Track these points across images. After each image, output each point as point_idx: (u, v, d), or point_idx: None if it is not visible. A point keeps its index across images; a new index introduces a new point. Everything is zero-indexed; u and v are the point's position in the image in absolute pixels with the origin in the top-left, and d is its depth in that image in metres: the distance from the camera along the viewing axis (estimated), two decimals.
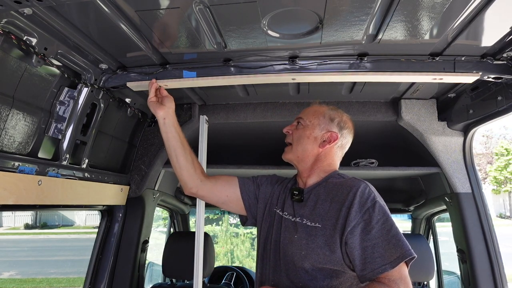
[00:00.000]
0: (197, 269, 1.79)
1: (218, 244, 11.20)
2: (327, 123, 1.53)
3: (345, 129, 1.55)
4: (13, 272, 11.27)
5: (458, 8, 1.23)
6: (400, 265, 1.19)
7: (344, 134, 1.55)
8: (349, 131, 1.57)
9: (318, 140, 1.51)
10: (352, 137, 1.59)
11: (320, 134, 1.52)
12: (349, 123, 1.58)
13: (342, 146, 1.56)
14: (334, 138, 1.51)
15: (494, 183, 24.22)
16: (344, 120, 1.56)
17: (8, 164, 1.41)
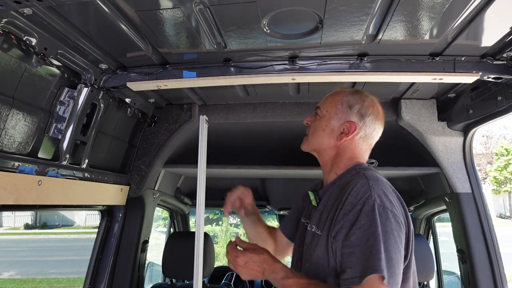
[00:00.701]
0: (197, 269, 1.78)
1: (218, 244, 11.20)
2: (345, 112, 1.33)
3: (367, 116, 1.32)
4: (13, 272, 11.27)
5: (458, 8, 1.23)
6: (370, 280, 1.00)
7: (367, 122, 1.32)
8: (374, 117, 1.33)
9: (335, 132, 1.33)
10: (382, 124, 1.36)
11: (337, 125, 1.33)
12: (373, 107, 1.34)
13: (366, 136, 1.34)
14: (353, 129, 1.31)
15: (494, 183, 24.22)
16: (366, 106, 1.33)
17: (8, 164, 1.41)
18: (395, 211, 1.10)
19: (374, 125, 1.34)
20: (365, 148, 1.37)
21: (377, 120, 1.35)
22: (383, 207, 1.09)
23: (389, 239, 1.04)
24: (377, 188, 1.13)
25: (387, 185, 1.18)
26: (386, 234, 1.05)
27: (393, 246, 1.05)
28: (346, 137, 1.32)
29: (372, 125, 1.34)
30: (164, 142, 2.38)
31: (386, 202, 1.10)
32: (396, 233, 1.07)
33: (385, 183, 1.18)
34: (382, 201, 1.10)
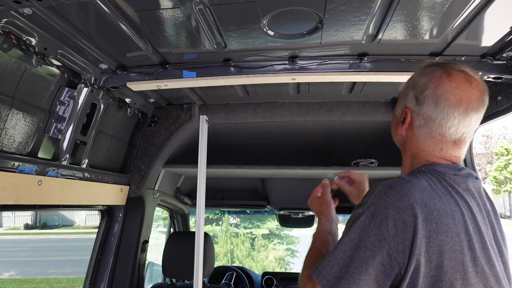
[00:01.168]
0: (197, 269, 1.79)
1: (218, 244, 11.21)
2: (405, 95, 1.09)
3: (423, 97, 1.01)
4: (13, 272, 11.27)
5: (458, 8, 1.23)
6: (310, 279, 0.95)
7: (423, 106, 1.01)
8: (435, 98, 0.99)
9: (399, 122, 1.10)
10: (455, 105, 0.98)
11: (399, 112, 1.10)
12: (434, 83, 1.00)
13: (427, 123, 1.01)
14: (407, 117, 1.05)
15: (494, 183, 24.24)
16: (424, 83, 1.02)
17: (8, 164, 1.41)
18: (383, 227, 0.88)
19: (436, 108, 0.99)
20: (427, 141, 1.02)
21: (440, 99, 0.98)
22: (367, 212, 0.92)
23: (348, 244, 0.90)
24: (381, 192, 0.93)
25: (404, 201, 0.89)
26: (349, 240, 0.91)
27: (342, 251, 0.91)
28: (401, 127, 1.07)
29: (434, 107, 0.99)
30: (164, 142, 2.38)
31: (379, 207, 0.91)
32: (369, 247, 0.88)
33: (403, 196, 0.90)
34: (373, 205, 0.92)
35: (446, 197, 0.92)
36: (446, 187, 0.95)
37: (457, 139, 1.02)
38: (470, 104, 0.99)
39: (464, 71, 1.01)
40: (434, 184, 0.94)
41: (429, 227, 0.86)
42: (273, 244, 12.88)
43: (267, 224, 12.98)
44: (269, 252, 12.34)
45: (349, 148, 2.67)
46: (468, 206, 0.93)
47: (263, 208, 3.75)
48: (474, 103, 0.99)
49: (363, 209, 0.93)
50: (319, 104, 2.29)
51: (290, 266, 12.14)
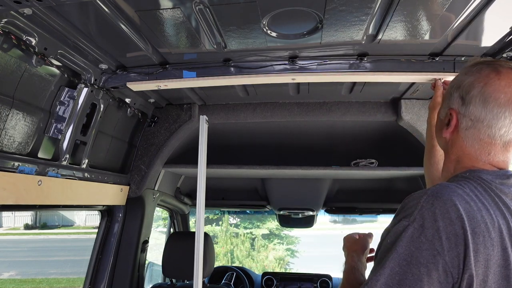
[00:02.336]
0: (197, 269, 1.79)
1: (218, 244, 11.21)
2: (450, 95, 1.02)
3: (470, 97, 0.95)
4: (13, 273, 11.27)
5: (458, 8, 1.23)
6: None
7: (470, 106, 0.95)
8: (484, 97, 0.93)
9: (443, 125, 1.04)
10: (506, 104, 0.91)
11: (443, 115, 1.05)
12: (481, 81, 0.95)
13: (475, 124, 0.95)
14: (453, 119, 0.99)
15: None
16: (470, 82, 0.96)
17: (8, 164, 1.41)
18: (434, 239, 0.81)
19: (484, 108, 0.93)
20: (480, 145, 0.95)
21: (489, 99, 0.92)
22: (416, 223, 0.83)
23: (393, 256, 0.82)
24: (424, 199, 0.85)
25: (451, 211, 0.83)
26: (393, 251, 0.83)
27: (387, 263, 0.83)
28: (446, 130, 1.01)
29: (483, 108, 0.93)
30: (164, 142, 2.38)
31: (424, 216, 0.83)
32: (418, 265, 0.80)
33: (452, 206, 0.83)
34: (421, 216, 0.84)
35: (493, 209, 0.86)
36: (493, 198, 0.88)
37: (507, 142, 0.94)
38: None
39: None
40: (480, 193, 0.88)
41: (476, 240, 0.81)
42: (273, 244, 12.89)
43: (267, 224, 12.99)
44: (269, 252, 12.34)
45: (349, 148, 2.67)
46: (508, 215, 0.86)
47: (263, 208, 3.75)
48: None
49: (409, 221, 0.84)
50: (319, 104, 2.29)
51: (290, 266, 12.15)
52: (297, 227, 3.88)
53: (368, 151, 2.49)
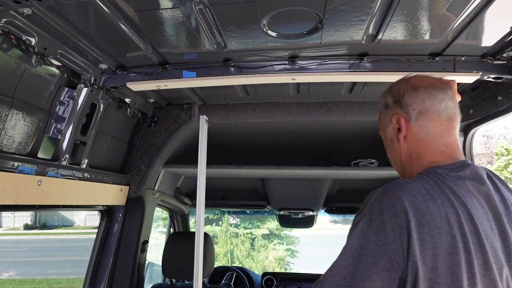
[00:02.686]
0: (197, 269, 1.79)
1: (218, 244, 11.21)
2: (385, 113, 1.18)
3: (400, 94, 1.10)
4: (12, 273, 11.27)
5: (458, 8, 1.23)
6: None
7: (406, 99, 1.08)
8: (413, 87, 1.09)
9: (395, 136, 1.14)
10: (430, 86, 1.08)
11: (391, 128, 1.15)
12: (404, 82, 1.12)
13: (420, 110, 1.06)
14: (401, 120, 1.10)
15: None
16: (397, 88, 1.13)
17: (7, 164, 1.41)
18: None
19: (417, 93, 1.06)
20: (432, 127, 1.05)
21: (419, 86, 1.07)
22: (363, 219, 0.93)
23: (344, 259, 0.90)
24: (376, 199, 0.94)
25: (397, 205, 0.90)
26: (345, 252, 0.91)
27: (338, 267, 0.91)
28: (401, 133, 1.11)
29: (416, 96, 1.06)
30: (164, 142, 2.38)
31: (372, 212, 0.92)
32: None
33: (397, 200, 0.91)
34: (371, 212, 0.93)
35: (441, 200, 0.92)
36: (443, 189, 0.95)
37: (450, 117, 1.06)
38: (439, 83, 1.09)
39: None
40: (430, 187, 0.95)
41: (421, 230, 0.87)
42: (273, 244, 12.89)
43: (267, 224, 12.99)
44: (269, 252, 12.34)
45: (349, 148, 2.66)
46: (466, 208, 0.92)
47: (263, 208, 3.75)
48: (441, 81, 1.10)
49: (361, 216, 0.93)
50: (319, 104, 2.29)
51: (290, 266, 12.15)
52: (297, 227, 3.87)
53: (368, 151, 2.49)
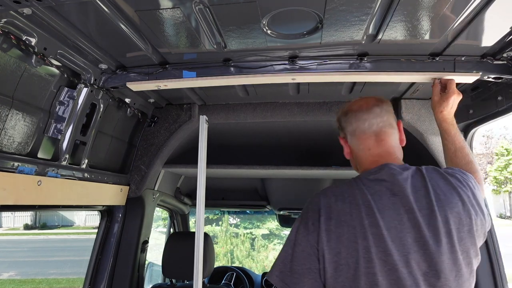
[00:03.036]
0: (197, 269, 1.78)
1: (218, 244, 11.21)
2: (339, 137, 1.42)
3: (340, 121, 1.38)
4: (12, 273, 11.27)
5: (458, 8, 1.23)
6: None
7: (343, 125, 1.36)
8: (344, 114, 1.36)
9: (347, 155, 1.41)
10: (358, 109, 1.32)
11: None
12: (343, 108, 1.39)
13: (352, 132, 1.32)
14: (343, 142, 1.39)
15: (494, 183, 24.23)
16: (338, 114, 1.41)
17: (7, 164, 1.41)
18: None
19: (347, 118, 1.34)
20: (361, 144, 1.29)
21: (348, 111, 1.34)
22: (299, 219, 1.23)
23: (285, 246, 1.19)
24: (309, 202, 1.23)
25: (314, 203, 1.21)
26: (287, 241, 1.20)
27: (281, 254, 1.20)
28: (346, 152, 1.39)
29: (347, 121, 1.34)
30: (164, 142, 2.38)
31: (304, 213, 1.22)
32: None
33: (316, 201, 1.20)
34: (304, 212, 1.23)
35: (350, 199, 1.16)
36: (355, 191, 1.17)
37: (377, 132, 1.27)
38: (367, 105, 1.31)
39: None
40: (346, 189, 1.20)
41: (329, 222, 1.13)
42: (273, 244, 12.88)
43: (267, 224, 12.98)
44: (269, 252, 12.33)
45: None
46: (370, 205, 1.12)
47: (263, 208, 3.75)
48: (371, 102, 1.32)
49: (299, 217, 1.23)
50: (319, 104, 2.29)
51: None
52: None
53: None
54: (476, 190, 1.21)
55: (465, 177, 1.23)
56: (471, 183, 1.22)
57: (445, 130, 1.49)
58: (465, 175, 1.24)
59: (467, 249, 1.08)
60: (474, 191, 1.19)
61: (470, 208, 1.13)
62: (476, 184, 1.23)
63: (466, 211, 1.12)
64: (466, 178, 1.22)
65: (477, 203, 1.17)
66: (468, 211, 1.12)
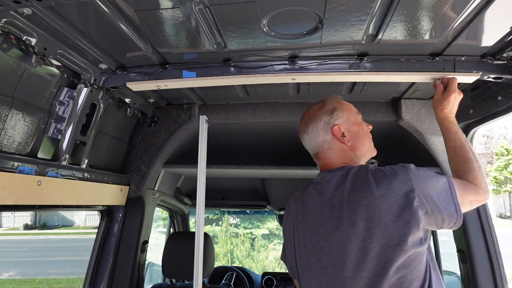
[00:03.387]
0: (197, 269, 1.78)
1: (218, 244, 11.20)
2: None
3: None
4: (12, 273, 11.27)
5: (458, 8, 1.23)
6: None
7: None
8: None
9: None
10: (301, 137, 1.60)
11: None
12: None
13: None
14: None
15: (494, 183, 24.24)
16: None
17: (7, 164, 1.41)
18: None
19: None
20: (314, 158, 1.59)
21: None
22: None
23: None
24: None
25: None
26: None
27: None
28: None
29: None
30: (164, 142, 2.38)
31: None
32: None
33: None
34: None
35: (298, 200, 1.44)
36: (302, 193, 1.44)
37: (309, 147, 1.54)
38: (304, 126, 1.53)
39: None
40: (300, 192, 1.47)
41: (286, 219, 1.51)
42: (273, 244, 12.87)
43: (267, 224, 12.97)
44: (269, 252, 12.33)
45: None
46: (303, 204, 1.39)
47: (263, 208, 3.75)
48: (303, 121, 1.55)
49: None
50: None
51: None
52: None
53: None
54: (410, 182, 1.18)
55: (398, 171, 1.22)
56: (401, 176, 1.20)
57: (446, 128, 1.50)
58: (399, 169, 1.23)
59: (377, 237, 1.15)
60: (404, 184, 1.18)
61: (385, 200, 1.17)
62: (413, 177, 1.20)
63: (378, 203, 1.17)
64: (398, 172, 1.22)
65: (406, 194, 1.16)
66: (381, 203, 1.17)
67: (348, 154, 1.44)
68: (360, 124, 1.50)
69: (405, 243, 1.13)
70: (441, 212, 1.18)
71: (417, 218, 1.14)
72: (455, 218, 1.20)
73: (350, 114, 1.47)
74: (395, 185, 1.18)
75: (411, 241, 1.14)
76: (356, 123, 1.48)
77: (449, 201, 1.20)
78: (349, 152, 1.44)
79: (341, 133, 1.42)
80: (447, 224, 1.21)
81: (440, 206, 1.18)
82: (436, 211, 1.18)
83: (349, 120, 1.45)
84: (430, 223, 1.18)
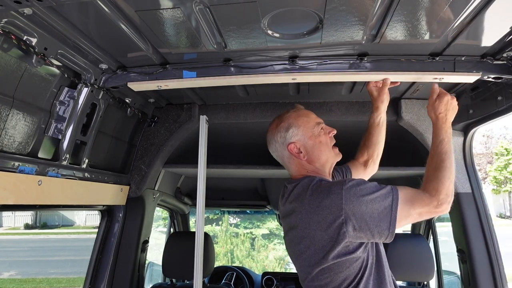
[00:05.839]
0: (197, 269, 1.79)
1: (218, 244, 11.20)
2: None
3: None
4: (13, 272, 11.28)
5: (458, 8, 1.23)
6: None
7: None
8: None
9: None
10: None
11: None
12: None
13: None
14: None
15: (494, 183, 24.22)
16: None
17: (8, 164, 1.41)
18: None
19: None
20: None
21: None
22: None
23: None
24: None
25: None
26: None
27: None
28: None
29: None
30: (164, 142, 2.38)
31: None
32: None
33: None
34: None
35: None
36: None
37: (276, 159, 1.65)
38: (270, 130, 1.64)
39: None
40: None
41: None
42: (273, 244, 12.87)
43: (267, 224, 12.98)
44: (269, 252, 12.33)
45: (350, 148, 2.66)
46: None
47: (263, 208, 3.75)
48: (267, 139, 1.65)
49: None
50: (319, 104, 2.29)
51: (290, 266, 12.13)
52: None
53: None
54: (340, 202, 1.29)
55: (332, 189, 1.33)
56: (332, 196, 1.31)
57: (434, 133, 1.53)
58: (335, 187, 1.33)
59: (306, 246, 1.35)
60: (333, 203, 1.30)
61: (314, 216, 1.32)
62: (345, 196, 1.29)
63: (309, 218, 1.33)
64: (331, 191, 1.32)
65: (334, 212, 1.29)
66: (310, 218, 1.33)
67: (306, 167, 1.53)
68: (316, 137, 1.53)
69: (329, 253, 1.29)
70: (370, 228, 1.27)
71: (343, 234, 1.27)
72: (386, 234, 1.28)
73: (306, 129, 1.53)
74: (325, 204, 1.31)
75: (336, 251, 1.28)
76: (312, 137, 1.52)
77: (384, 218, 1.27)
78: (307, 165, 1.52)
79: (297, 150, 1.51)
80: (377, 238, 1.31)
81: (370, 223, 1.27)
82: (365, 228, 1.27)
83: (304, 135, 1.52)
84: (360, 237, 1.29)
